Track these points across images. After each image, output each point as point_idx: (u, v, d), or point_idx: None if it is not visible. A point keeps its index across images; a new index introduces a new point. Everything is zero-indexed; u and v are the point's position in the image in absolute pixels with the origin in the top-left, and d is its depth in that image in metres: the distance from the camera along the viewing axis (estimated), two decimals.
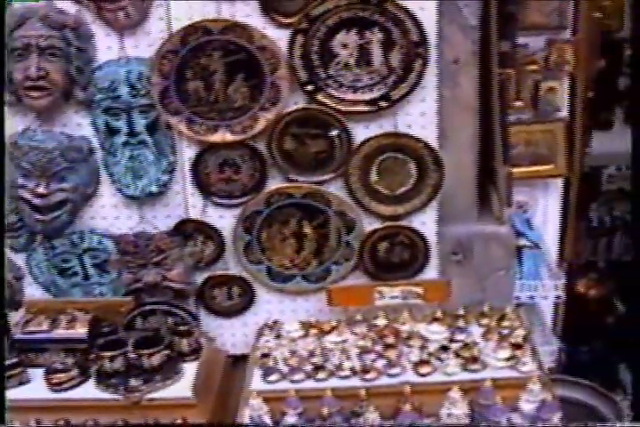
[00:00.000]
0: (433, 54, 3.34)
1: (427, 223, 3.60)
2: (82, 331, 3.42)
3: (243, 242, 3.61)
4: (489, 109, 3.58)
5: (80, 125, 3.52)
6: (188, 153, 3.51)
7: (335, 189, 3.53)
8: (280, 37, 3.31)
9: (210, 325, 3.77)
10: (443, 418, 3.01)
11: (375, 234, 3.59)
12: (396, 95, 3.36)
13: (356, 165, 3.47)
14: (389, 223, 3.58)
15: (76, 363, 3.32)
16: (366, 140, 3.43)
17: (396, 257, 3.63)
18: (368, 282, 3.65)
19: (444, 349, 3.27)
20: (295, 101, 3.41)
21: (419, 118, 3.43)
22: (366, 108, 3.39)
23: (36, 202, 3.46)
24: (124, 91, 3.40)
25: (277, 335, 3.48)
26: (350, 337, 3.38)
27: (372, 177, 3.51)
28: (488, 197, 3.79)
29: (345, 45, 3.31)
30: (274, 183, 3.53)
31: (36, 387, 3.28)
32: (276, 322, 3.58)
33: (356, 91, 3.37)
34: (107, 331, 3.42)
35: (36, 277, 3.74)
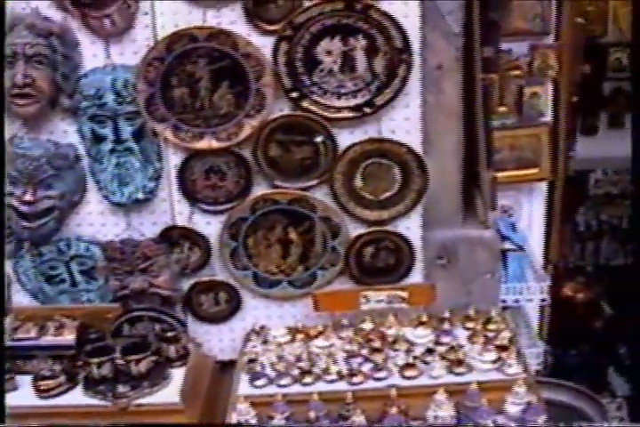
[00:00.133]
0: (416, 60, 3.35)
1: (412, 228, 3.60)
2: (69, 338, 3.41)
3: (229, 248, 3.61)
4: (473, 115, 3.60)
5: (66, 133, 3.52)
6: (173, 160, 3.51)
7: (320, 195, 3.53)
8: (265, 44, 3.32)
9: (197, 331, 3.76)
10: (429, 421, 3.02)
11: (360, 239, 3.59)
12: (380, 101, 3.37)
13: (341, 170, 3.47)
14: (374, 228, 3.58)
15: (63, 369, 3.31)
16: (351, 146, 3.45)
17: (382, 262, 3.63)
18: (354, 287, 3.65)
19: (429, 352, 3.27)
20: (280, 108, 3.42)
21: (403, 124, 3.45)
22: (351, 114, 3.40)
23: (23, 209, 3.46)
24: (109, 98, 3.40)
25: (264, 341, 3.49)
26: (337, 342, 3.39)
27: (357, 182, 3.51)
28: (473, 201, 3.80)
29: (329, 52, 3.33)
30: (259, 190, 3.53)
31: (24, 394, 3.26)
32: (263, 327, 3.59)
33: (340, 97, 3.38)
34: (94, 337, 3.41)
35: (23, 284, 3.72)
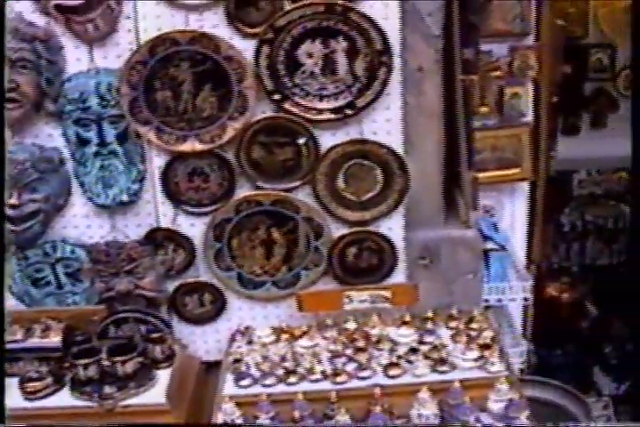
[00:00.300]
0: (397, 62, 3.38)
1: (394, 228, 3.62)
2: (56, 340, 3.41)
3: (213, 250, 3.62)
4: (453, 116, 3.63)
5: (51, 136, 3.53)
6: (157, 162, 3.52)
7: (303, 196, 3.55)
8: (247, 47, 3.34)
9: (182, 332, 3.77)
10: (413, 419, 3.03)
11: (343, 240, 3.61)
12: (361, 103, 3.40)
13: (323, 171, 3.50)
14: (357, 229, 3.60)
15: (50, 371, 3.31)
16: (333, 148, 3.47)
17: (365, 262, 3.65)
18: (337, 287, 3.67)
19: (413, 351, 3.28)
20: (262, 110, 3.44)
21: (384, 125, 3.47)
22: (332, 115, 3.42)
23: (9, 213, 3.46)
24: (93, 102, 3.42)
25: (249, 341, 3.50)
26: (321, 341, 3.40)
27: (339, 183, 3.54)
28: (454, 201, 3.83)
29: (310, 55, 3.35)
30: (243, 191, 3.55)
31: (10, 396, 3.24)
32: (248, 328, 3.60)
33: (321, 99, 3.41)
34: (80, 339, 3.41)
35: (9, 287, 3.71)
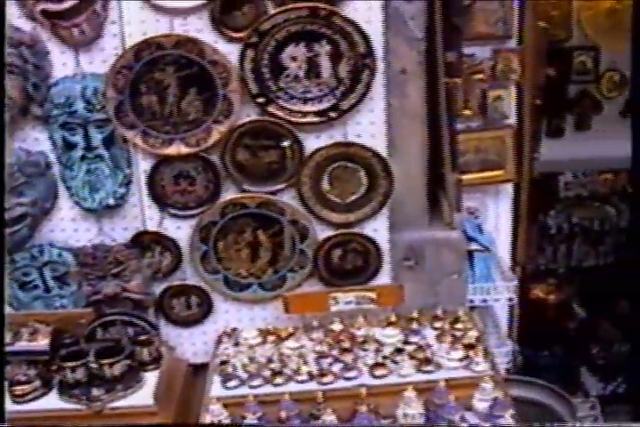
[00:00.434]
0: (380, 65, 3.41)
1: (379, 230, 3.64)
2: (43, 343, 3.42)
3: (199, 252, 3.64)
4: (437, 118, 3.66)
5: (38, 140, 3.54)
6: (143, 166, 3.54)
7: (288, 199, 3.57)
8: (231, 51, 3.36)
9: (170, 334, 3.78)
10: (399, 418, 3.05)
11: (328, 242, 3.63)
12: (345, 106, 3.42)
13: (308, 174, 3.52)
14: (342, 231, 3.62)
15: (38, 374, 3.33)
16: (317, 150, 3.49)
17: (350, 264, 3.67)
18: (323, 289, 3.68)
19: (398, 351, 3.30)
20: (247, 114, 3.46)
21: (368, 128, 3.50)
22: (316, 118, 3.45)
23: None
24: (80, 106, 3.43)
25: (236, 343, 3.52)
26: (307, 343, 3.42)
27: (324, 186, 3.56)
28: (438, 203, 3.85)
29: (294, 58, 3.38)
30: (228, 194, 3.57)
31: None
32: (235, 330, 3.62)
33: (306, 102, 3.43)
34: (68, 342, 3.43)
35: None
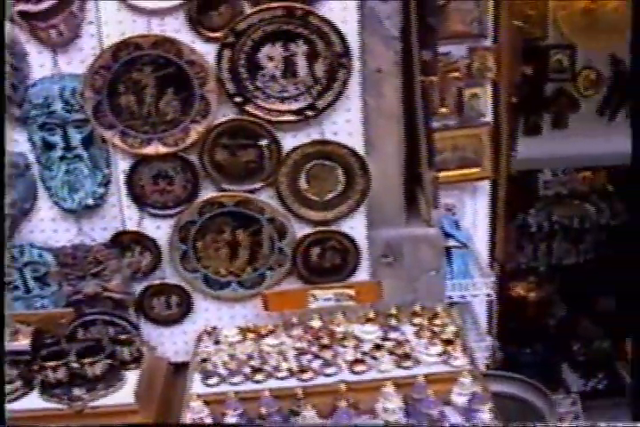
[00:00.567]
0: (356, 65, 3.43)
1: (356, 228, 3.66)
2: (24, 343, 3.42)
3: (179, 251, 3.64)
4: (413, 116, 3.68)
5: (16, 142, 3.54)
6: (122, 166, 3.55)
7: (266, 197, 3.58)
8: (208, 51, 3.38)
9: (150, 334, 3.79)
10: (378, 413, 3.07)
11: (307, 240, 3.64)
12: (321, 104, 3.44)
13: (286, 172, 3.53)
14: (320, 229, 3.63)
15: (19, 374, 3.33)
16: (294, 149, 3.50)
17: (328, 261, 3.68)
18: (302, 286, 3.69)
19: (377, 347, 3.32)
20: (225, 113, 3.47)
21: (345, 126, 3.51)
22: (293, 117, 3.46)
23: None
24: (58, 106, 3.44)
25: (216, 341, 3.53)
26: (287, 340, 3.43)
27: (302, 184, 3.57)
28: (416, 200, 3.87)
29: (271, 58, 3.39)
30: (206, 193, 3.58)
31: None
32: (215, 328, 3.63)
33: (283, 101, 3.45)
34: (49, 342, 3.44)
35: None
